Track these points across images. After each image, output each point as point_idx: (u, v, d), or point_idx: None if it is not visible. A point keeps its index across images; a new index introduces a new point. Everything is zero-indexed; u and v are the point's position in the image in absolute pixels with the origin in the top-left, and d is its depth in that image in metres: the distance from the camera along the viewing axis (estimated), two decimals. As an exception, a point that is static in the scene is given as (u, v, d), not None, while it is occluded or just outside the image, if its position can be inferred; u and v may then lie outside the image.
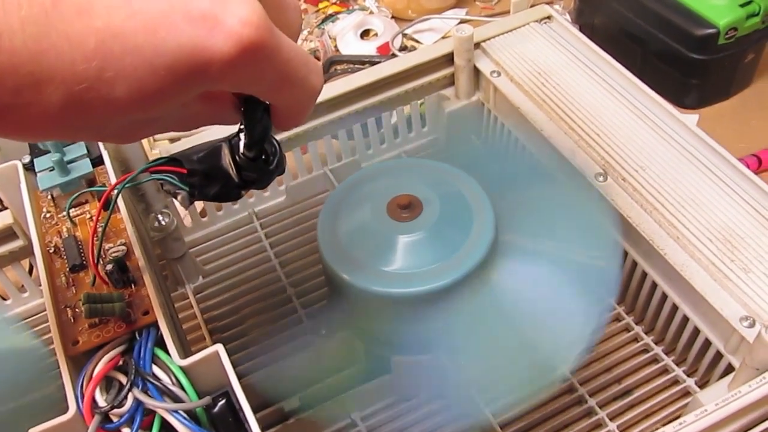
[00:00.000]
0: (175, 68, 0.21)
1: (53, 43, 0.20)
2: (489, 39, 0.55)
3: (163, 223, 0.47)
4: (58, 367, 0.33)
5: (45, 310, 0.52)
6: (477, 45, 0.54)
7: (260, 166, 0.32)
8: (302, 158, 0.56)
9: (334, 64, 0.73)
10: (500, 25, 0.56)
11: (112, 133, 0.25)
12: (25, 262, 0.51)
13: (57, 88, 0.20)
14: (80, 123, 0.22)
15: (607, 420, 0.43)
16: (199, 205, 0.56)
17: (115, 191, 0.37)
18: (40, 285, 0.53)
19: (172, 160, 0.34)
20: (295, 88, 0.25)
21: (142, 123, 0.25)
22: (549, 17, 0.56)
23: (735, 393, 0.33)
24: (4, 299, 0.52)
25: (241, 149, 0.32)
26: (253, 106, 0.29)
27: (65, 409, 0.31)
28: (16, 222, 0.46)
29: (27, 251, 0.49)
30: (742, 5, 0.61)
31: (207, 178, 0.33)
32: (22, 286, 0.53)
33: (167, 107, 0.23)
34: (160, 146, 0.59)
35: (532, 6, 0.57)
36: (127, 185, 0.37)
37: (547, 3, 0.57)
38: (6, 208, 0.47)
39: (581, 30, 0.54)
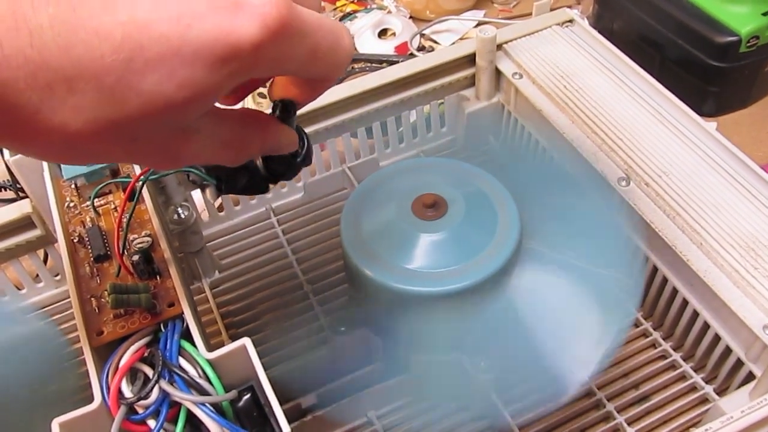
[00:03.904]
0: (204, 55, 0.21)
1: (81, 39, 0.20)
2: (511, 41, 0.55)
3: (182, 216, 0.47)
4: (78, 357, 0.33)
5: (60, 300, 0.53)
6: (499, 47, 0.54)
7: (288, 159, 0.32)
8: (321, 155, 0.56)
9: (352, 63, 0.73)
10: (522, 27, 0.56)
11: (149, 144, 0.23)
12: (40, 252, 0.51)
13: (87, 82, 0.20)
14: (114, 128, 0.22)
15: (624, 425, 0.43)
16: (217, 201, 0.56)
17: (140, 182, 0.37)
18: (56, 275, 0.53)
19: (199, 152, 0.34)
20: (328, 57, 0.25)
21: (179, 134, 0.24)
22: (571, 21, 0.56)
23: (760, 401, 0.33)
24: (19, 289, 0.52)
25: None
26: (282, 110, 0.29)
27: (84, 399, 0.31)
28: (35, 211, 0.46)
29: (44, 241, 0.49)
30: (765, 14, 0.61)
31: (234, 171, 0.33)
32: (37, 275, 0.53)
33: (204, 104, 0.23)
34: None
35: (552, 10, 0.57)
36: (152, 177, 0.37)
37: (567, 7, 0.57)
38: (24, 198, 0.47)
39: (600, 35, 0.54)
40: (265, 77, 0.29)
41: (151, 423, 0.30)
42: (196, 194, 0.54)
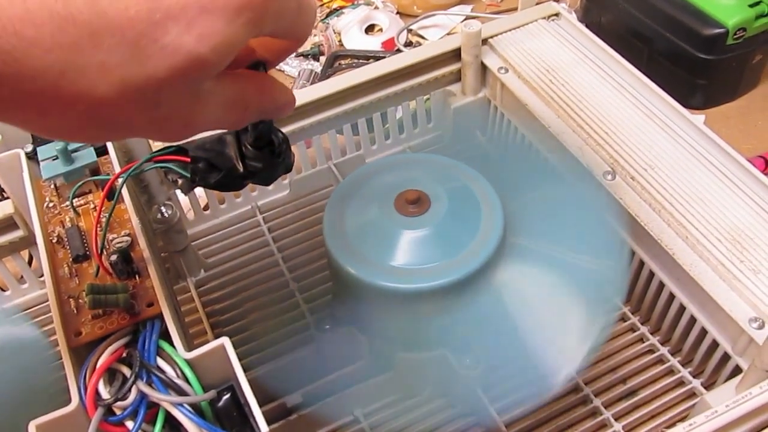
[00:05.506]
0: (221, 4, 0.21)
1: None
2: (497, 35, 0.55)
3: (166, 215, 0.47)
4: (60, 359, 0.33)
5: (45, 301, 0.52)
6: (484, 41, 0.54)
7: (266, 156, 0.32)
8: (306, 152, 0.56)
9: (339, 59, 0.73)
10: (508, 21, 0.55)
11: (170, 110, 0.23)
12: (25, 253, 0.51)
13: (113, 36, 0.20)
14: (139, 89, 0.21)
15: (612, 420, 0.42)
16: (203, 200, 0.55)
17: (119, 180, 0.37)
18: (41, 276, 0.52)
19: (179, 150, 0.33)
20: (307, 13, 0.26)
21: (194, 99, 0.24)
22: (557, 14, 0.56)
23: (745, 395, 0.33)
24: (3, 290, 0.52)
25: (248, 138, 0.32)
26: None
27: (66, 401, 0.30)
28: (17, 212, 0.46)
29: (27, 242, 0.48)
30: (752, 5, 0.61)
31: (211, 166, 0.32)
32: (21, 277, 0.52)
33: (222, 57, 0.23)
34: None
35: (538, 3, 0.57)
36: (131, 173, 0.37)
37: (553, 1, 0.57)
38: (6, 198, 0.47)
39: (588, 29, 0.54)
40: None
41: (129, 424, 0.29)
42: (181, 193, 0.53)
